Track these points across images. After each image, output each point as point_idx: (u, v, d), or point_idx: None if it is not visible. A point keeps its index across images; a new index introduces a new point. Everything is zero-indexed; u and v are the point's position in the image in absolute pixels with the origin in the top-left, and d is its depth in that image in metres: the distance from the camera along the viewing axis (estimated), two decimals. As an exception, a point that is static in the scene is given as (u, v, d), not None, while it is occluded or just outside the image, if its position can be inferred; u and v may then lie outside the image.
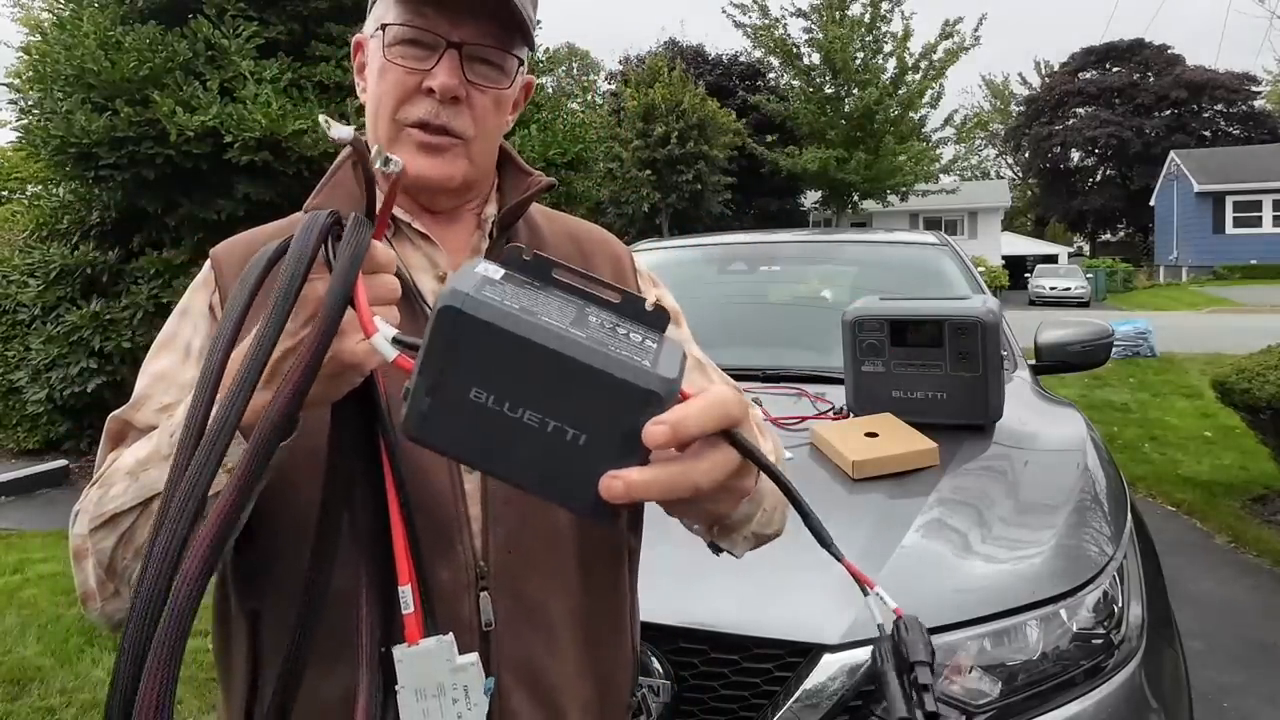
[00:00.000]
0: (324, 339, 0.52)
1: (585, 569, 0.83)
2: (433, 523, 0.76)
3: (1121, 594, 1.44)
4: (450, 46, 0.78)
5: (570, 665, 0.82)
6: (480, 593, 0.77)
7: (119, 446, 0.77)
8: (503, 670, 0.78)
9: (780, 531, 0.84)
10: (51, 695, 2.82)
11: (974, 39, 21.02)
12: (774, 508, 0.80)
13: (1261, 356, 4.57)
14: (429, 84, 0.78)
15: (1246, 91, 38.15)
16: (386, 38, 0.78)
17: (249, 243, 0.85)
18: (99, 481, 0.71)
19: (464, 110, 0.80)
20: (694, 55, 25.57)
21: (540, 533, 0.80)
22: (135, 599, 0.47)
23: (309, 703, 0.71)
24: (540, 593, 0.80)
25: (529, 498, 0.68)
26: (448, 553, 0.76)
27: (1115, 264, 30.84)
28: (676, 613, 1.32)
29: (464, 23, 0.78)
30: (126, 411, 0.78)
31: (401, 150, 0.80)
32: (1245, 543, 4.26)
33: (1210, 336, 12.26)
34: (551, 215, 0.97)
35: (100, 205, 6.73)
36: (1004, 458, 1.88)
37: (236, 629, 0.80)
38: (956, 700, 1.25)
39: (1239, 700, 2.76)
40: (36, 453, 6.70)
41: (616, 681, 0.89)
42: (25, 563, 4.16)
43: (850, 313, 2.09)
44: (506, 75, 0.82)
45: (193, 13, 6.23)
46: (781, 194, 24.93)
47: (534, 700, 0.79)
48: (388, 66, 0.79)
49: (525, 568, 0.79)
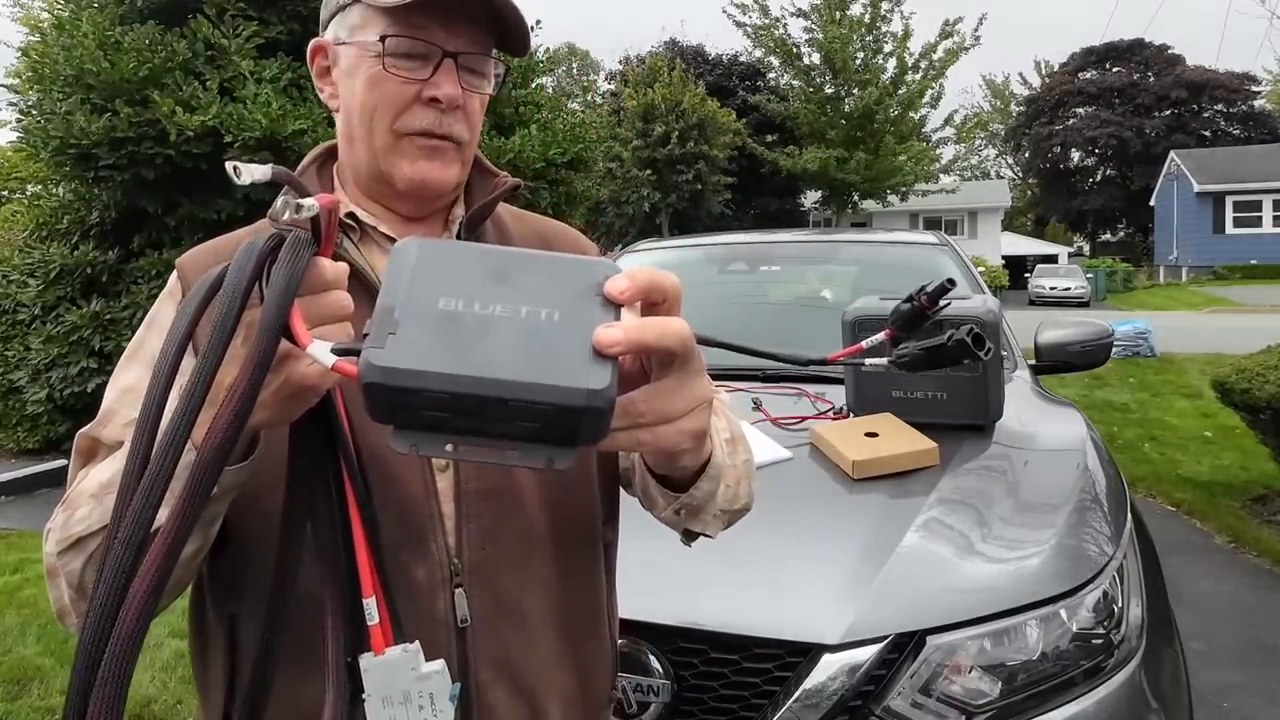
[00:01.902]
0: (258, 365, 0.51)
1: (561, 564, 0.84)
2: (406, 522, 0.77)
3: (1121, 594, 1.44)
4: (447, 56, 0.79)
5: (548, 659, 0.83)
6: (455, 589, 0.78)
7: (89, 463, 0.77)
8: (480, 666, 0.79)
9: (748, 506, 0.84)
10: (51, 695, 2.82)
11: (974, 39, 21.05)
12: (736, 482, 0.80)
13: (1261, 356, 4.57)
14: (431, 94, 0.79)
15: (1246, 91, 38.15)
16: (387, 49, 0.78)
17: (215, 251, 0.84)
18: (66, 502, 0.71)
19: (460, 116, 0.82)
20: (694, 55, 25.57)
21: (515, 529, 0.81)
22: (82, 629, 0.48)
23: (287, 706, 0.72)
24: (516, 588, 0.81)
25: (504, 495, 0.71)
26: (422, 551, 0.77)
27: (1115, 264, 30.83)
28: (676, 613, 1.32)
29: (460, 32, 0.79)
30: (94, 428, 0.78)
31: (402, 158, 0.81)
32: (1245, 543, 4.26)
33: (1210, 336, 12.26)
34: (520, 215, 0.97)
35: (100, 205, 6.73)
36: (1004, 458, 1.88)
37: (214, 632, 0.80)
38: (956, 700, 1.25)
39: (1239, 700, 2.76)
40: (36, 452, 6.70)
41: (596, 674, 0.89)
42: (25, 563, 4.16)
43: (850, 313, 2.09)
44: (489, 80, 0.84)
45: (192, 12, 6.23)
46: (781, 194, 24.94)
47: (513, 696, 0.80)
48: (383, 76, 0.79)
49: (500, 564, 0.80)
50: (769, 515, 1.11)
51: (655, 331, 0.51)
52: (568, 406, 0.45)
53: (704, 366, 0.58)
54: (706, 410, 0.59)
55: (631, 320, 0.50)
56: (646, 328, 0.50)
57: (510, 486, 0.81)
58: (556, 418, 0.46)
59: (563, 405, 0.45)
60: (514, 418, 0.46)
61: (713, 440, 0.73)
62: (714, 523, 0.81)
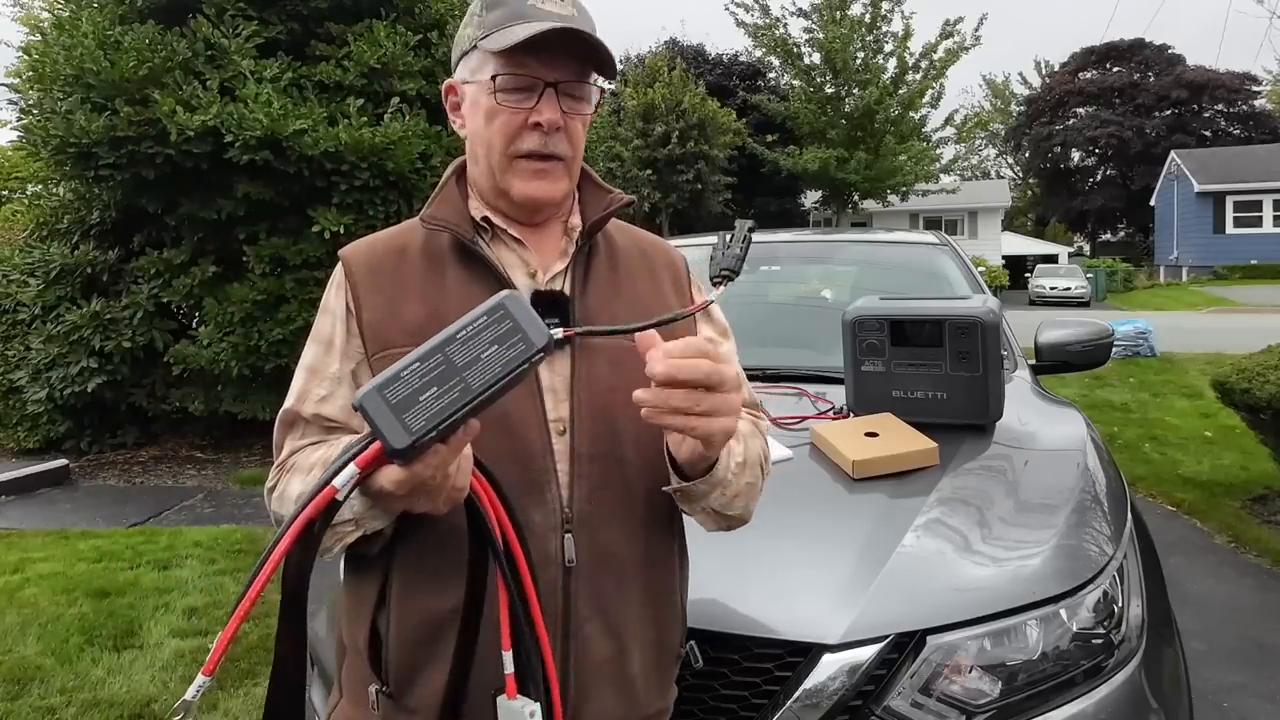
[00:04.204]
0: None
1: (650, 528, 0.99)
2: (528, 473, 0.93)
3: (1121, 594, 1.44)
4: (548, 86, 0.95)
5: (634, 608, 0.98)
6: (565, 535, 0.93)
7: (290, 432, 1.00)
8: (581, 602, 0.94)
9: (743, 518, 1.03)
10: (51, 695, 2.82)
11: (974, 39, 20.99)
12: (734, 496, 0.98)
13: (1262, 356, 4.56)
14: (536, 119, 0.95)
15: (1247, 91, 38.13)
16: (497, 85, 0.95)
17: (371, 245, 1.03)
18: (282, 469, 0.97)
19: (562, 136, 0.97)
20: (694, 55, 25.53)
21: (616, 490, 0.96)
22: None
23: (424, 616, 0.92)
24: (614, 541, 0.96)
25: (610, 460, 0.97)
26: (540, 499, 0.93)
27: (1115, 264, 30.82)
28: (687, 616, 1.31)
29: (558, 65, 0.95)
30: (294, 405, 0.99)
31: (516, 177, 0.98)
32: (1245, 543, 4.26)
33: (1210, 336, 12.26)
34: (622, 227, 1.13)
35: (100, 205, 6.72)
36: (1004, 457, 1.88)
37: (375, 559, 0.94)
38: (957, 700, 1.25)
39: (1239, 700, 2.76)
40: (37, 452, 6.69)
41: (670, 630, 1.04)
42: (25, 562, 4.16)
43: (850, 312, 2.09)
44: (589, 102, 0.99)
45: (192, 12, 6.22)
46: (781, 194, 24.92)
47: (605, 632, 0.95)
48: (498, 109, 0.96)
49: (603, 518, 0.95)
50: (769, 515, 1.11)
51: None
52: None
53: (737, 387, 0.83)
54: (733, 422, 0.83)
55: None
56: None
57: (615, 452, 0.96)
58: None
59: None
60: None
61: (724, 458, 0.93)
62: (704, 517, 1.00)
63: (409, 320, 0.95)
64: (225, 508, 5.36)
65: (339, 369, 0.98)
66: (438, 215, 1.00)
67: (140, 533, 4.77)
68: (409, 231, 1.04)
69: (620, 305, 1.02)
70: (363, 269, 1.00)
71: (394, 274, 0.99)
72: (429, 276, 0.99)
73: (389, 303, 0.97)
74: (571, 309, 0.98)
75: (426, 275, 0.99)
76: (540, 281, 1.00)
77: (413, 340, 0.90)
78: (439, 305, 0.96)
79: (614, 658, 0.96)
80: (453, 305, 0.94)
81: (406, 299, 0.97)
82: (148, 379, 6.61)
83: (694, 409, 0.79)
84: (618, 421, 0.96)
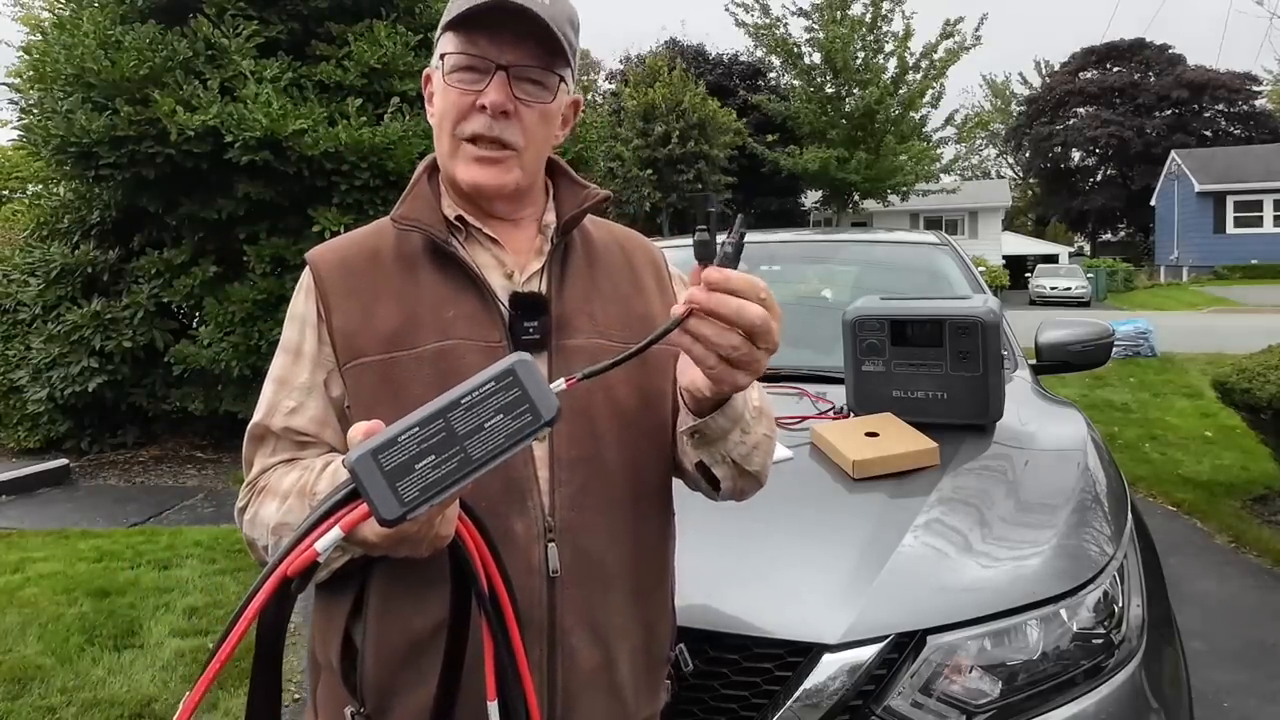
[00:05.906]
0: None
1: (636, 527, 0.96)
2: (508, 481, 0.88)
3: (1122, 594, 1.44)
4: (499, 69, 0.90)
5: (621, 614, 0.94)
6: (549, 544, 0.89)
7: (260, 447, 0.96)
8: (565, 613, 0.90)
9: (760, 479, 0.98)
10: (52, 694, 2.82)
11: (975, 39, 20.98)
12: (754, 446, 0.93)
13: (1262, 356, 4.56)
14: (481, 101, 0.90)
15: (1247, 91, 38.11)
16: (446, 65, 0.92)
17: (341, 248, 0.99)
18: (254, 488, 0.93)
19: (514, 124, 0.92)
20: (694, 55, 25.53)
21: (600, 494, 0.93)
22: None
23: (403, 634, 0.88)
24: (599, 547, 0.92)
25: (591, 463, 0.92)
26: (521, 508, 0.89)
27: (1116, 264, 30.80)
28: (677, 612, 1.31)
29: (510, 48, 0.90)
30: (263, 419, 0.95)
31: (460, 162, 0.94)
32: (1245, 543, 4.26)
33: (1210, 336, 12.25)
34: (599, 223, 1.09)
35: (100, 204, 6.73)
36: (1004, 457, 1.88)
37: (350, 571, 0.91)
38: (957, 700, 1.25)
39: (1239, 700, 2.76)
40: (37, 452, 6.69)
41: (660, 631, 1.01)
42: (25, 562, 4.16)
43: (850, 312, 2.08)
44: (550, 91, 0.94)
45: (193, 12, 6.22)
46: (782, 194, 24.90)
47: (592, 641, 0.92)
48: (447, 89, 0.92)
49: (587, 525, 0.92)
50: (769, 515, 1.12)
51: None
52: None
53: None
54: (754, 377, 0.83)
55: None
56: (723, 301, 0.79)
57: (596, 454, 0.93)
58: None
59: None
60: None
61: (739, 399, 0.89)
62: (723, 466, 0.94)
63: (382, 327, 0.92)
64: (226, 507, 5.36)
65: (309, 378, 0.94)
66: (409, 215, 0.95)
67: (140, 532, 4.77)
68: (380, 233, 0.99)
69: (599, 302, 0.99)
70: (333, 273, 0.95)
71: (366, 278, 0.95)
72: (402, 280, 0.94)
73: (361, 308, 0.93)
74: (548, 308, 0.95)
75: (400, 279, 0.94)
76: (517, 282, 0.96)
77: (386, 347, 0.91)
78: (414, 310, 0.92)
79: (602, 666, 0.93)
80: (427, 310, 0.92)
81: (379, 304, 0.93)
82: (148, 379, 6.61)
83: (730, 350, 0.78)
84: (597, 423, 0.93)
